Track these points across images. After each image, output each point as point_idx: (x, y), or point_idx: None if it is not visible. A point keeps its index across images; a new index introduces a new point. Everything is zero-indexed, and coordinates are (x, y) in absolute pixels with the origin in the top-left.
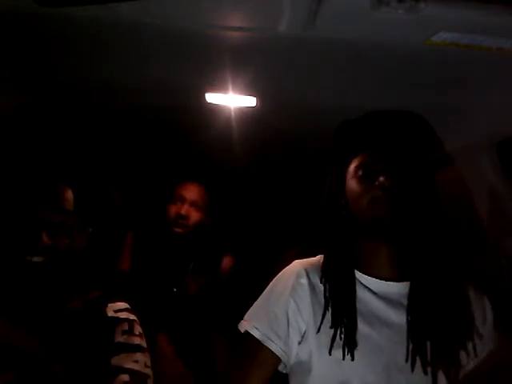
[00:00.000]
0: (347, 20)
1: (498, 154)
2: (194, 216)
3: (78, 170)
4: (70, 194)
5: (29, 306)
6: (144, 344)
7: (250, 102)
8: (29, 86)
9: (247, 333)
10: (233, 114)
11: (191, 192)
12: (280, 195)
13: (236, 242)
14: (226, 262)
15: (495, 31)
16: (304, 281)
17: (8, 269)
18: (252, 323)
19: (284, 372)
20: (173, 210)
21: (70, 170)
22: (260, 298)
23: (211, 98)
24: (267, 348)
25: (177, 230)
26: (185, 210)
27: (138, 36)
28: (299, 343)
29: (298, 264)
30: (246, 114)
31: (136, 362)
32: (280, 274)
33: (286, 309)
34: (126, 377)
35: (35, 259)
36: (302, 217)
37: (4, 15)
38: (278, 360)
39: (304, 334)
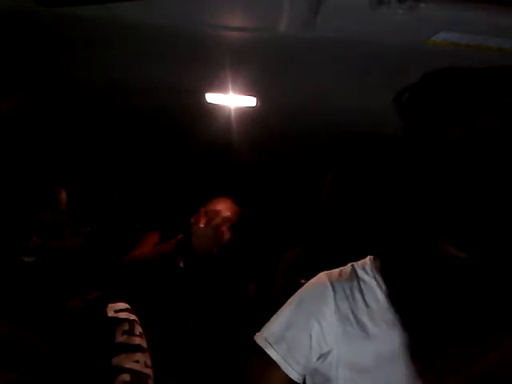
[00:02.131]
0: (347, 20)
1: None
2: (227, 235)
3: (72, 170)
4: (62, 194)
5: (26, 305)
6: (144, 344)
7: (250, 101)
8: (28, 85)
9: (263, 349)
10: (233, 113)
11: (227, 209)
12: (280, 195)
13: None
14: (251, 291)
15: (495, 31)
16: (330, 301)
17: (2, 269)
18: (270, 342)
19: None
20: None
21: (63, 170)
22: (281, 313)
23: (211, 97)
24: (283, 371)
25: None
26: (220, 226)
27: (138, 36)
28: (318, 359)
29: (324, 279)
30: (246, 113)
31: (137, 362)
32: (305, 288)
33: (309, 332)
34: (126, 377)
35: (27, 259)
36: (303, 216)
37: (4, 15)
38: (292, 380)
39: (326, 353)
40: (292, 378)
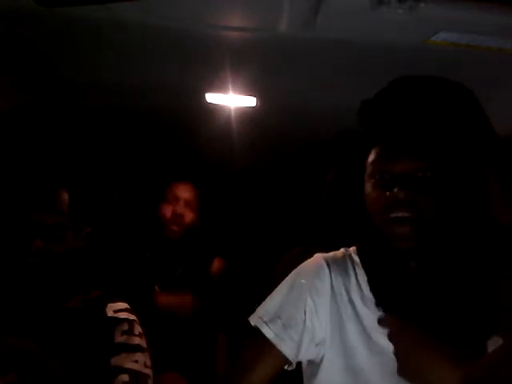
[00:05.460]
0: (347, 20)
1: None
2: (189, 215)
3: (73, 171)
4: (64, 196)
5: (26, 306)
6: (144, 344)
7: (250, 102)
8: (28, 85)
9: (258, 329)
10: (233, 114)
11: (185, 191)
12: (280, 195)
13: (229, 245)
14: (216, 264)
15: (495, 31)
16: (325, 278)
17: (4, 270)
18: (265, 321)
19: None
20: (168, 209)
21: (64, 170)
22: (276, 292)
23: (211, 97)
24: (278, 349)
25: (173, 227)
26: (180, 209)
27: (137, 36)
28: (311, 345)
29: (319, 259)
30: (245, 113)
31: (136, 362)
32: (300, 267)
33: (303, 309)
34: (125, 377)
35: (29, 261)
36: (303, 216)
37: (4, 15)
38: (286, 361)
39: (317, 336)
40: (286, 355)
